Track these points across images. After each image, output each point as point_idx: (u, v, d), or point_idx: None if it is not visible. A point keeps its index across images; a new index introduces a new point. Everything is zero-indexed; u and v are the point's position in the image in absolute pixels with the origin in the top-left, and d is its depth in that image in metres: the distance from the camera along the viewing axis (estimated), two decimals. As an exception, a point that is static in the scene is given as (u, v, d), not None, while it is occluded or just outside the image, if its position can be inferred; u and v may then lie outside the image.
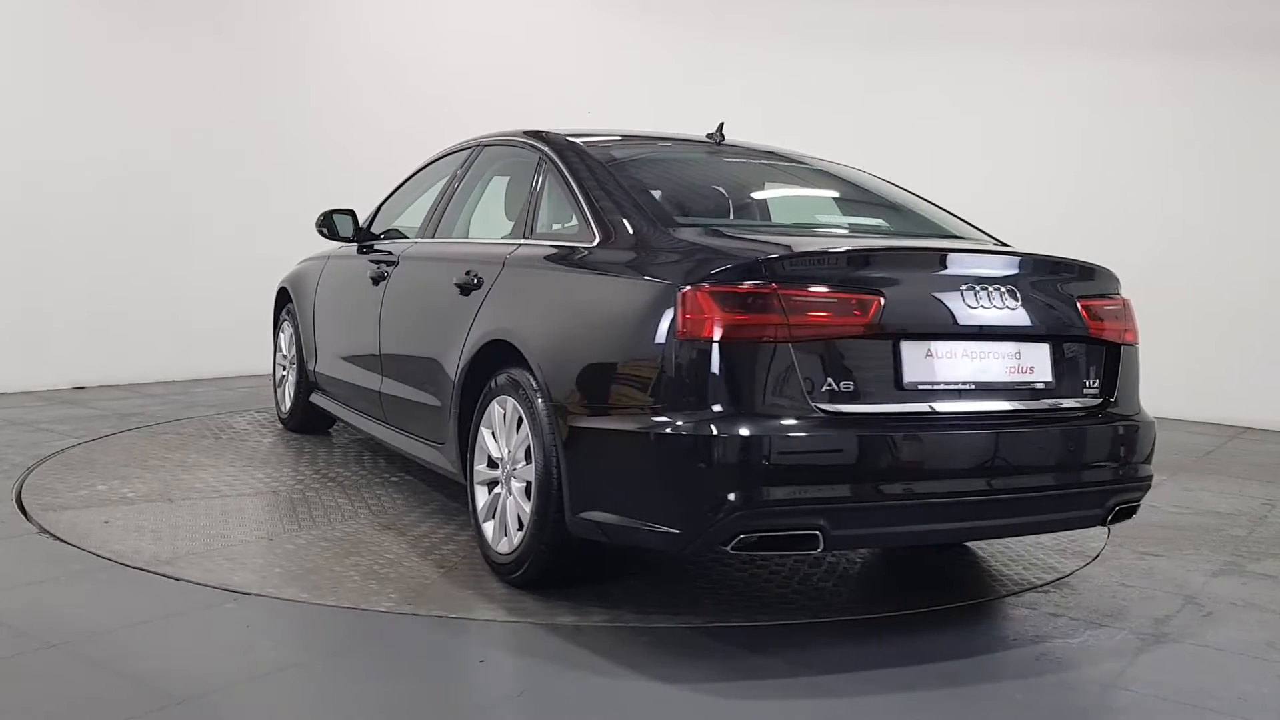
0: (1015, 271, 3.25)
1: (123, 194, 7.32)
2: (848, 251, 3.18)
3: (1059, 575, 3.91)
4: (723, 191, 4.07)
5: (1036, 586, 3.76)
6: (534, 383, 3.32)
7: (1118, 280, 3.53)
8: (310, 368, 5.57)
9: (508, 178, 4.44)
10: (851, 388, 2.91)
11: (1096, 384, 3.35)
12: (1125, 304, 3.50)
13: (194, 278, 7.73)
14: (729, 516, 2.78)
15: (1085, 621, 3.42)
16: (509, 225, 4.13)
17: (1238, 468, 6.32)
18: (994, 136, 9.00)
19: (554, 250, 3.65)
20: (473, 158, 4.55)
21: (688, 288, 2.88)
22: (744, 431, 2.79)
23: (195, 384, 7.48)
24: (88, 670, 2.69)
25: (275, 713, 2.57)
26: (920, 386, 3.01)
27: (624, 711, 2.63)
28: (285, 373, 5.99)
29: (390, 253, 4.71)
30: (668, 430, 2.87)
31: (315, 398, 5.56)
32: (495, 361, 3.59)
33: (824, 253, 3.13)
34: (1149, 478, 3.45)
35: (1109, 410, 3.35)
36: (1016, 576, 3.86)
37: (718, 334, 2.82)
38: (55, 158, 6.94)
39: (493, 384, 3.57)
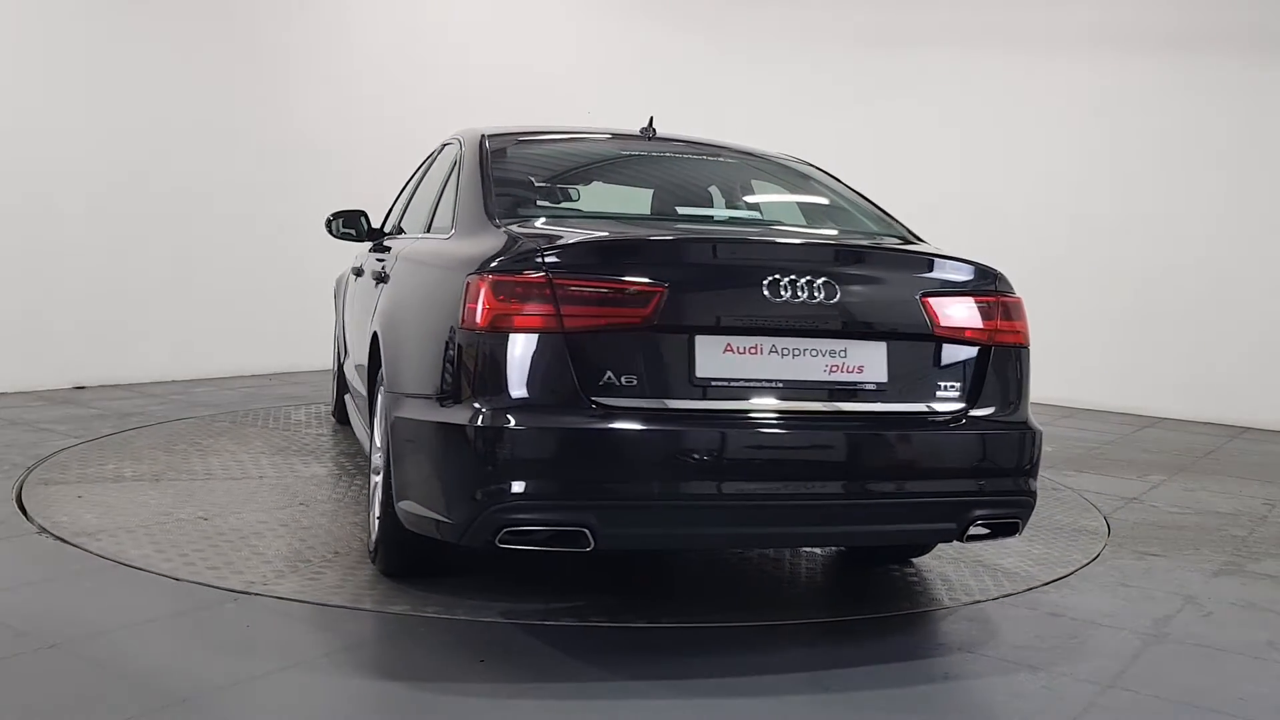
0: (841, 264, 3.01)
1: (123, 194, 7.31)
2: (629, 241, 3.09)
3: (1059, 575, 3.91)
4: (600, 185, 4.03)
5: (1036, 587, 3.76)
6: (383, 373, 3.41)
7: (993, 276, 3.19)
8: (343, 363, 5.75)
9: (446, 174, 4.49)
10: (634, 382, 2.78)
11: (956, 388, 3.06)
12: (1000, 302, 3.15)
13: (194, 278, 7.73)
14: (490, 509, 2.73)
15: (1085, 621, 3.42)
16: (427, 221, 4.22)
17: (1238, 468, 6.33)
18: (998, 137, 9.00)
19: (423, 244, 3.73)
20: (434, 156, 4.65)
21: (470, 277, 2.86)
22: (507, 424, 2.73)
23: (195, 384, 7.47)
24: (88, 670, 2.69)
25: (275, 713, 2.56)
26: (715, 383, 2.84)
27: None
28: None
29: (392, 250, 4.75)
30: (440, 420, 2.87)
31: (347, 396, 5.64)
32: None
33: (603, 242, 3.02)
34: (1027, 492, 3.13)
35: (971, 416, 3.07)
36: (1016, 577, 3.86)
37: (491, 324, 2.78)
38: (55, 158, 6.93)
39: (380, 375, 3.65)
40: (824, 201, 3.98)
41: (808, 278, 2.89)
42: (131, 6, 7.35)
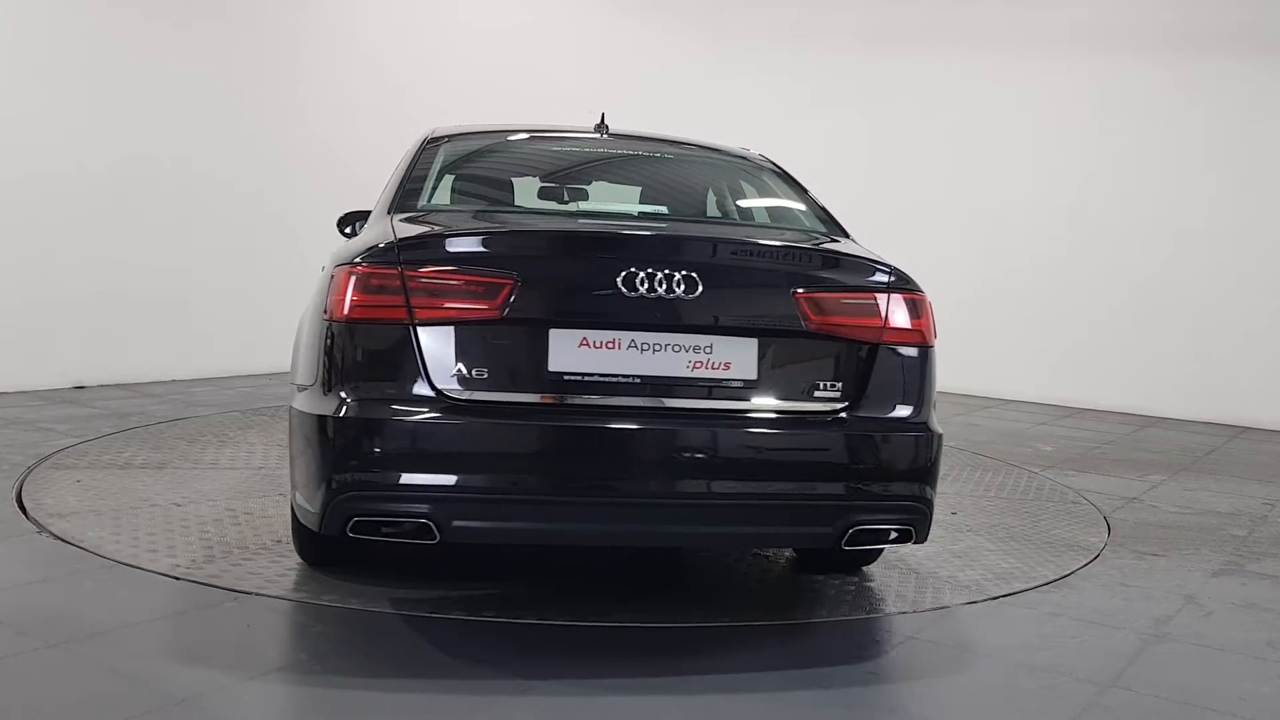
0: (706, 258, 2.94)
1: (123, 194, 7.31)
2: (478, 233, 3.13)
3: (1059, 575, 3.91)
4: (526, 181, 4.00)
5: (1037, 586, 3.76)
6: None
7: (887, 272, 3.05)
8: None
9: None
10: (485, 374, 2.78)
11: (835, 387, 2.94)
12: (891, 300, 3.01)
13: (194, 278, 7.73)
14: (339, 499, 2.76)
15: (1085, 621, 3.42)
16: None
17: (1238, 468, 6.33)
18: (998, 137, 9.00)
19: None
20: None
21: (337, 270, 2.91)
22: (354, 414, 2.77)
23: (195, 384, 7.47)
24: (88, 670, 2.69)
25: (275, 713, 2.57)
26: (568, 377, 2.80)
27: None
28: None
29: None
30: (304, 410, 2.93)
31: None
32: None
33: (451, 235, 3.08)
34: (917, 498, 2.97)
35: (851, 417, 2.94)
36: (1017, 577, 3.86)
37: (348, 315, 2.82)
38: (55, 157, 6.93)
39: None
40: (757, 200, 3.91)
41: (666, 271, 2.82)
42: (131, 7, 7.35)
